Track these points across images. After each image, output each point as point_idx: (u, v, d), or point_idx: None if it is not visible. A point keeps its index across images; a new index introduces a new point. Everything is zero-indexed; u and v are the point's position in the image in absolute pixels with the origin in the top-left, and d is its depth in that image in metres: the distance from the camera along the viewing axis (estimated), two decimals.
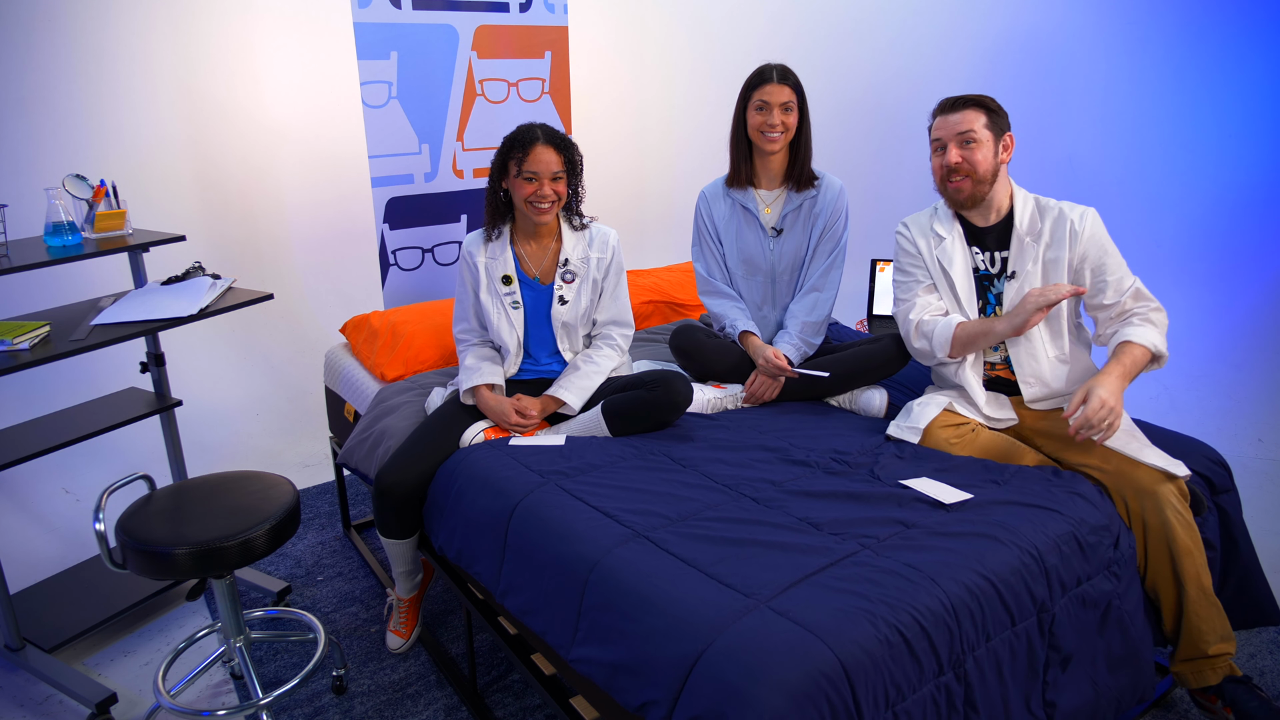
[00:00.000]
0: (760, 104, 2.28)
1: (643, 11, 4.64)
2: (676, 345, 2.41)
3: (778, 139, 2.29)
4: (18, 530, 2.86)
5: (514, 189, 2.15)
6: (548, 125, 2.16)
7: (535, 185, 2.10)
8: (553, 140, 2.12)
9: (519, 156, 2.10)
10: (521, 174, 2.10)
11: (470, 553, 1.85)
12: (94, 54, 3.21)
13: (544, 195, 2.11)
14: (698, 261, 2.53)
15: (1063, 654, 1.54)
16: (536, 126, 2.14)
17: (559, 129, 2.19)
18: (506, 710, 2.02)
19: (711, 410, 2.28)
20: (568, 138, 2.18)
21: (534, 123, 2.16)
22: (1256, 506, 2.69)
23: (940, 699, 1.35)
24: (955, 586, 1.41)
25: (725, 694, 1.21)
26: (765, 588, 1.39)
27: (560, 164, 2.12)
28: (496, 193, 2.20)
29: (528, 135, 2.11)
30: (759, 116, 2.29)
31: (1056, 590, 1.53)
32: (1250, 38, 3.65)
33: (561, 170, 2.12)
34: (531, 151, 2.09)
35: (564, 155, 2.13)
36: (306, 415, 3.67)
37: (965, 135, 1.97)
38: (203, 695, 2.11)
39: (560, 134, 2.16)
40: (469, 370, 2.20)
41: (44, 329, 2.06)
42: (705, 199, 2.48)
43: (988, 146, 1.97)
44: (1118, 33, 3.93)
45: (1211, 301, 3.84)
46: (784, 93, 2.26)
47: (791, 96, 2.28)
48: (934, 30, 4.34)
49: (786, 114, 2.28)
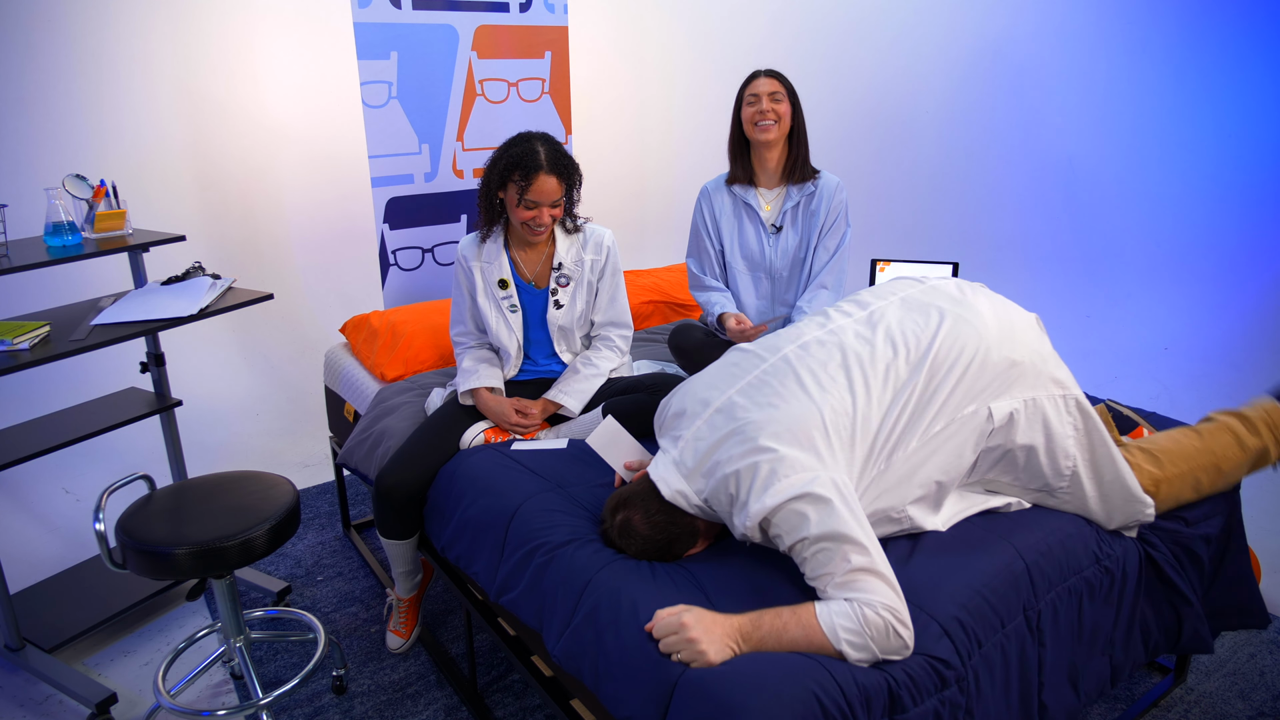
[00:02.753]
0: (751, 98, 2.36)
1: (643, 11, 4.65)
2: (675, 344, 2.44)
3: (770, 127, 2.34)
4: (18, 530, 2.86)
5: (510, 206, 2.09)
6: (550, 140, 2.08)
7: (535, 213, 2.05)
8: (556, 167, 2.03)
9: (521, 183, 2.02)
10: (523, 202, 2.04)
11: (470, 554, 1.85)
12: (94, 54, 3.22)
13: (543, 223, 2.07)
14: (691, 258, 2.56)
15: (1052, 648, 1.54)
16: (539, 145, 2.04)
17: (558, 141, 2.11)
18: (506, 710, 2.02)
19: None
20: (569, 158, 2.10)
21: (534, 136, 2.07)
22: (1257, 506, 2.69)
23: (944, 712, 1.33)
24: (948, 596, 1.41)
25: (717, 706, 1.19)
26: (754, 599, 1.38)
27: (561, 190, 2.06)
28: (491, 199, 2.14)
29: (532, 161, 2.01)
30: (750, 109, 2.36)
31: (1042, 587, 1.53)
32: (1250, 38, 3.65)
33: (561, 196, 2.07)
34: (535, 181, 2.01)
35: (565, 180, 2.07)
36: (306, 415, 3.67)
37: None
38: (203, 695, 2.11)
39: (563, 155, 2.08)
40: (466, 373, 2.20)
41: (44, 329, 2.06)
42: (706, 194, 2.51)
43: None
44: (1118, 33, 3.93)
45: (1211, 301, 3.84)
46: (771, 84, 2.34)
47: (779, 87, 2.35)
48: (934, 30, 4.34)
49: (776, 103, 2.34)
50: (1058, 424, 1.56)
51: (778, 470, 1.38)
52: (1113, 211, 3.99)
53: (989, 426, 1.52)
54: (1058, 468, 1.59)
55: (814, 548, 1.33)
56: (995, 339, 1.55)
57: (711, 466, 1.47)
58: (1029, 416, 1.55)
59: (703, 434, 1.51)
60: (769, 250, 2.43)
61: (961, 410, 1.51)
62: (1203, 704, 1.98)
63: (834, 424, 1.44)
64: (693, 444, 1.52)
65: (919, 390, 1.50)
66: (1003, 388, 1.53)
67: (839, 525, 1.31)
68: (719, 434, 1.48)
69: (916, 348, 1.53)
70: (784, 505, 1.35)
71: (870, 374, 1.50)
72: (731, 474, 1.42)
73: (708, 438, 1.50)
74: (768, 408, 1.47)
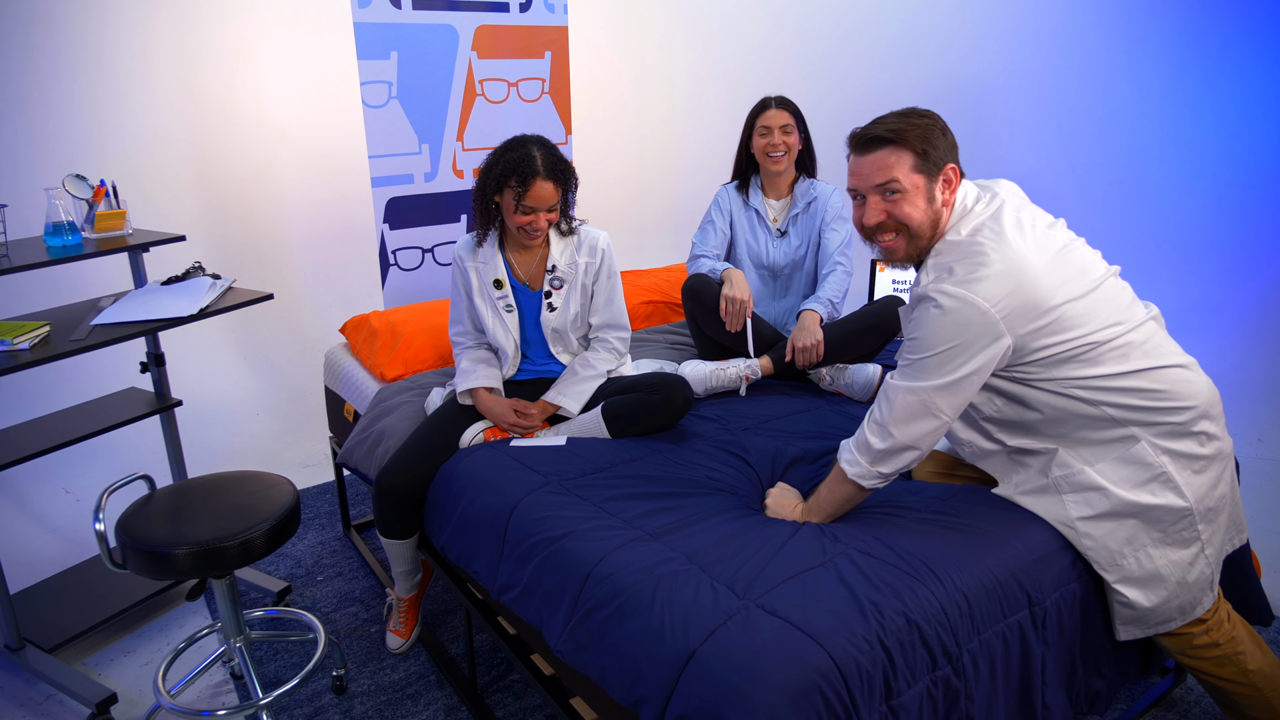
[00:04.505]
0: (763, 129, 2.53)
1: (643, 11, 4.64)
2: (690, 288, 2.52)
3: (781, 159, 2.53)
4: (18, 530, 2.86)
5: (507, 211, 2.08)
6: (546, 145, 2.07)
7: (531, 218, 2.05)
8: (553, 172, 2.03)
9: (518, 189, 2.02)
10: (520, 207, 2.04)
11: (470, 553, 1.85)
12: (94, 54, 3.21)
13: (539, 227, 2.08)
14: (699, 235, 2.68)
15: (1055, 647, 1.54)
16: (535, 151, 2.03)
17: (554, 144, 2.09)
18: (506, 710, 2.02)
19: (716, 382, 2.37)
20: (565, 163, 2.08)
21: (530, 141, 2.06)
22: (1257, 506, 2.69)
23: (937, 693, 1.35)
24: (949, 581, 1.42)
25: (720, 692, 1.21)
26: (758, 586, 1.40)
27: (558, 196, 2.06)
28: (487, 203, 2.13)
29: (529, 167, 2.00)
30: (762, 140, 2.53)
31: (1048, 585, 1.53)
32: (1250, 38, 3.65)
33: (558, 201, 2.07)
34: (532, 187, 2.01)
35: (561, 185, 2.06)
36: (306, 415, 3.67)
37: (886, 185, 1.52)
38: (203, 695, 2.11)
39: (559, 160, 2.06)
40: (464, 373, 2.20)
41: (44, 329, 2.06)
42: (727, 191, 2.70)
43: (918, 194, 1.50)
44: (1117, 33, 3.93)
45: (1211, 301, 3.84)
46: (783, 116, 2.51)
47: (789, 119, 2.52)
48: (934, 30, 4.33)
49: (787, 135, 2.52)
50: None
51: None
52: (1112, 212, 3.99)
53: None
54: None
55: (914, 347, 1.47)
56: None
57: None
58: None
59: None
60: (773, 251, 2.64)
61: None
62: (1203, 704, 1.98)
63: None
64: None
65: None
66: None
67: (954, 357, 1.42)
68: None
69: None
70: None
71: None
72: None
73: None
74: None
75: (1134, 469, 1.50)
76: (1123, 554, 1.52)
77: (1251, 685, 1.59)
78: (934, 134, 1.49)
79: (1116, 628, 1.59)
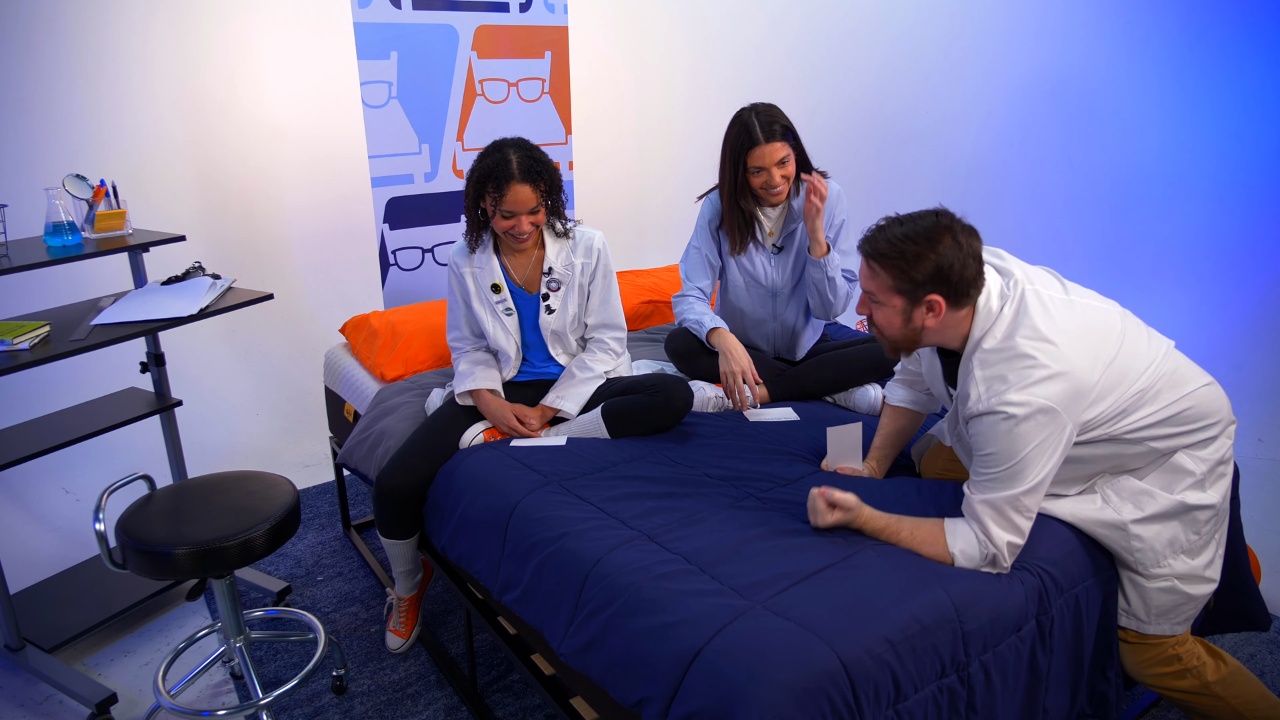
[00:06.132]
0: (755, 170, 2.22)
1: (643, 11, 4.64)
2: (672, 349, 2.44)
3: (780, 193, 2.26)
4: (18, 530, 2.86)
5: (490, 216, 2.08)
6: (523, 147, 2.04)
7: (513, 221, 2.04)
8: (529, 174, 2.00)
9: (495, 194, 2.01)
10: (499, 212, 2.03)
11: (471, 553, 1.85)
12: (94, 54, 3.21)
13: (523, 231, 2.06)
14: (686, 264, 2.46)
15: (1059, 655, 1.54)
16: (511, 154, 2.01)
17: (533, 146, 2.06)
18: (506, 710, 2.02)
19: (714, 409, 2.29)
20: (543, 162, 2.05)
21: (507, 144, 2.04)
22: (1257, 507, 2.69)
23: (943, 700, 1.35)
24: (957, 588, 1.41)
25: (725, 691, 1.21)
26: (766, 587, 1.39)
27: (537, 197, 2.03)
28: (474, 209, 2.12)
29: (503, 172, 1.99)
30: (758, 179, 2.24)
31: (1054, 593, 1.53)
32: (1250, 38, 3.65)
33: (539, 202, 2.05)
34: (508, 191, 1.99)
35: (540, 185, 2.03)
36: (306, 415, 3.67)
37: (867, 293, 1.56)
38: (203, 695, 2.11)
39: (535, 160, 2.03)
40: (463, 376, 2.20)
41: (44, 329, 2.06)
42: (713, 205, 2.42)
43: (894, 311, 1.52)
44: (1118, 33, 3.92)
45: (1211, 301, 3.84)
46: (776, 151, 2.19)
47: (785, 150, 2.20)
48: (935, 30, 4.33)
49: (783, 167, 2.21)
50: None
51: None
52: (1113, 212, 3.99)
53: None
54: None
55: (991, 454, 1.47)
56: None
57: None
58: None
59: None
60: (771, 270, 2.39)
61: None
62: None
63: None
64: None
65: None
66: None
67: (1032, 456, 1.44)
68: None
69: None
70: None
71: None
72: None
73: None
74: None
75: (1174, 475, 1.60)
76: (1164, 555, 1.60)
77: (1213, 695, 1.65)
78: (922, 264, 1.45)
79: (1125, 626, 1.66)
